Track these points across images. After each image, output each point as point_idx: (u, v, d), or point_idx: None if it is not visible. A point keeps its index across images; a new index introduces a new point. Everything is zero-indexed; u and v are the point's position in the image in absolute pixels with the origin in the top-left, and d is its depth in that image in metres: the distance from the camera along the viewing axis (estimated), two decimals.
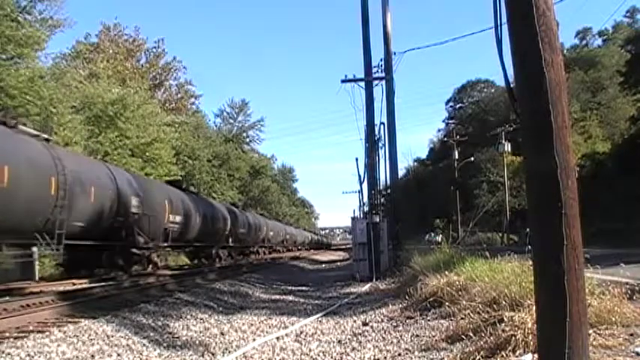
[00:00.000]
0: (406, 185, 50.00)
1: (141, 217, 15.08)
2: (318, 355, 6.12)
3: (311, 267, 29.38)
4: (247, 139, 61.62)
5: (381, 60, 20.13)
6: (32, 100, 17.76)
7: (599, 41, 59.66)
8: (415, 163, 71.31)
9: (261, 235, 35.58)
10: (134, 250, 14.72)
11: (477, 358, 4.48)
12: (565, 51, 50.42)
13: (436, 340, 5.87)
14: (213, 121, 59.53)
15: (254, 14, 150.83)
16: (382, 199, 22.05)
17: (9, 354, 5.23)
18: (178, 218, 18.33)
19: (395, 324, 7.58)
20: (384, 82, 19.78)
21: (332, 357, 6.03)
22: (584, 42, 60.60)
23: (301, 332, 7.56)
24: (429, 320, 7.25)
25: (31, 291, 10.71)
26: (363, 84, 19.51)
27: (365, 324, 7.87)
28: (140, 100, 27.48)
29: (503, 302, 5.40)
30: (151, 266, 16.07)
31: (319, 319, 8.76)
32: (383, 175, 22.93)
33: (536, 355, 3.85)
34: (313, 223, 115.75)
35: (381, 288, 13.01)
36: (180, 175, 32.39)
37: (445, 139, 57.79)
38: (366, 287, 13.69)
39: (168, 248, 18.69)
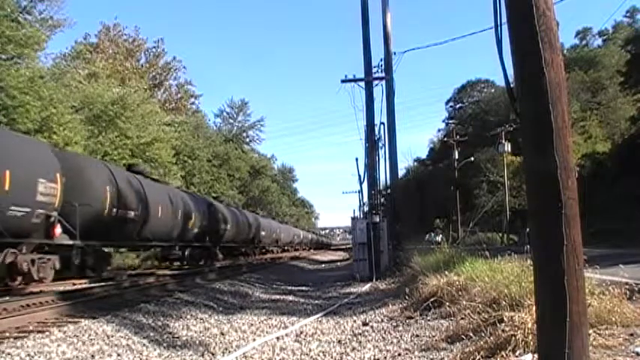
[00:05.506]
0: (406, 185, 49.86)
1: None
2: (318, 355, 6.12)
3: (311, 267, 29.38)
4: (247, 139, 61.59)
5: (381, 60, 20.16)
6: (32, 100, 17.75)
7: (599, 41, 59.43)
8: (415, 163, 71.15)
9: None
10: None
11: (477, 358, 4.48)
12: (565, 51, 50.30)
13: (436, 340, 5.87)
14: (213, 121, 59.51)
15: (254, 14, 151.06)
16: (382, 199, 22.04)
17: (9, 354, 5.22)
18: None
19: (395, 324, 7.59)
20: (384, 82, 19.78)
21: (332, 357, 6.03)
22: (584, 42, 60.42)
23: (301, 332, 7.56)
24: (429, 320, 7.25)
25: (31, 291, 10.71)
26: (363, 84, 19.48)
27: (365, 324, 7.87)
28: (139, 99, 27.46)
29: (503, 302, 5.40)
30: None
31: (319, 319, 8.76)
32: (383, 175, 22.94)
33: (536, 355, 3.85)
34: (313, 223, 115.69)
35: (381, 288, 13.02)
36: (181, 176, 32.43)
37: (445, 139, 57.60)
38: (366, 287, 13.70)
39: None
